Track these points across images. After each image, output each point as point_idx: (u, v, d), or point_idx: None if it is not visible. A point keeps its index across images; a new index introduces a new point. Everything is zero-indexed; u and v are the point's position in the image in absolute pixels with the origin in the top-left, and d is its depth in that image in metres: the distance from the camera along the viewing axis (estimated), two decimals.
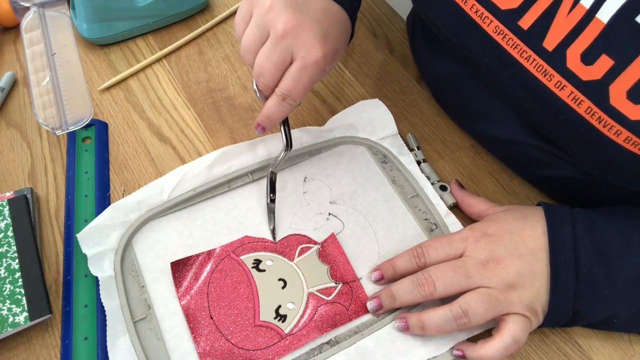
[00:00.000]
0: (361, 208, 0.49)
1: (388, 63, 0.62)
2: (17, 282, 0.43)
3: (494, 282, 0.39)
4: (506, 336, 0.38)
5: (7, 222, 0.46)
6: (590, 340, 0.43)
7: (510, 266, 0.39)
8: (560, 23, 0.37)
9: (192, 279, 0.44)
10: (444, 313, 0.39)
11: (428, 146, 0.54)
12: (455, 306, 0.39)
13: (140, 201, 0.47)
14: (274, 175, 0.48)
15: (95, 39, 0.61)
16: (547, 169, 0.47)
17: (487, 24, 0.40)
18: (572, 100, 0.37)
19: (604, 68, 0.35)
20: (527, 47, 0.39)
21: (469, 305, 0.38)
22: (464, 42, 0.44)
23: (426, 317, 0.40)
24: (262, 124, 0.45)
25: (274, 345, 0.41)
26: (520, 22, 0.39)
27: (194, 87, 0.59)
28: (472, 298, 0.39)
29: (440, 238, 0.43)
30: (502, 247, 0.40)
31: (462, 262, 0.40)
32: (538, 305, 0.39)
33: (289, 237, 0.47)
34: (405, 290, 0.41)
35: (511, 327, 0.38)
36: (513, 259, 0.39)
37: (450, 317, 0.39)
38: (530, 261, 0.39)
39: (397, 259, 0.44)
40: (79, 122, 0.53)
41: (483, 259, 0.40)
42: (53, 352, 0.42)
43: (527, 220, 0.42)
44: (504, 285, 0.39)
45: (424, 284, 0.40)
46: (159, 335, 0.42)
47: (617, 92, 0.35)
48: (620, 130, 0.35)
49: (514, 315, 0.39)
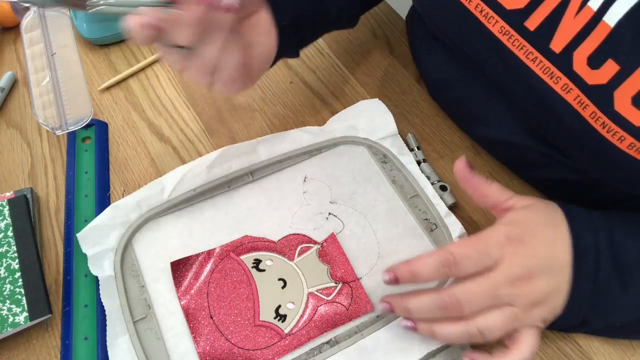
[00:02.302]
0: (361, 208, 0.49)
1: (388, 63, 0.62)
2: (17, 282, 0.43)
3: (520, 301, 0.36)
4: (525, 350, 0.36)
5: (7, 222, 0.46)
6: (590, 340, 0.43)
7: (540, 283, 0.36)
8: (568, 25, 0.36)
9: (192, 279, 0.44)
10: (457, 330, 0.36)
11: (428, 146, 0.54)
12: (471, 325, 0.36)
13: (140, 201, 0.47)
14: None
15: (95, 39, 0.61)
16: (546, 171, 0.47)
17: (493, 24, 0.40)
18: (578, 104, 0.37)
19: (609, 73, 0.35)
20: (533, 49, 0.38)
21: (488, 327, 0.36)
22: (467, 42, 0.44)
23: (439, 328, 0.37)
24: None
25: (274, 345, 0.41)
26: (527, 22, 0.38)
27: (194, 87, 0.59)
28: (494, 321, 0.36)
29: (474, 244, 0.37)
30: (538, 263, 0.37)
31: (493, 281, 0.36)
32: (552, 316, 0.38)
33: (289, 237, 0.47)
34: (425, 310, 0.37)
35: (529, 341, 0.36)
36: (544, 277, 0.37)
37: (465, 335, 0.36)
38: (559, 279, 0.37)
39: (419, 266, 0.37)
40: (79, 122, 0.53)
41: (516, 277, 0.36)
42: (53, 352, 0.42)
43: (558, 229, 0.38)
44: (529, 303, 0.36)
45: (449, 307, 0.36)
46: (158, 335, 0.42)
47: (622, 98, 0.34)
48: (624, 136, 0.35)
49: (531, 327, 0.37)
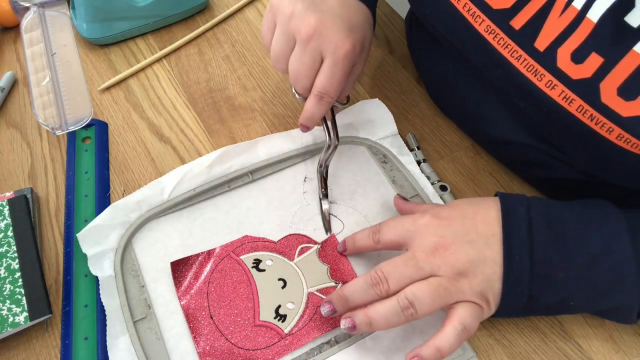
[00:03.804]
0: (361, 208, 0.49)
1: (388, 63, 0.62)
2: (17, 282, 0.43)
3: (443, 270, 0.38)
4: (456, 322, 0.37)
5: (7, 222, 0.46)
6: (590, 341, 0.43)
7: (460, 252, 0.38)
8: (553, 24, 0.37)
9: (192, 279, 0.44)
10: (390, 305, 0.37)
11: (428, 146, 0.54)
12: (401, 296, 0.37)
13: (140, 201, 0.47)
14: (324, 170, 0.49)
15: (95, 39, 0.61)
16: (545, 170, 0.47)
17: (479, 23, 0.41)
18: (563, 99, 0.37)
19: (593, 66, 0.35)
20: (518, 47, 0.39)
21: (415, 296, 0.37)
22: (458, 40, 0.44)
23: (373, 311, 0.38)
24: (305, 124, 0.46)
25: (274, 345, 0.41)
26: (512, 22, 0.39)
27: (194, 87, 0.59)
28: (419, 288, 0.37)
29: (395, 218, 0.43)
30: (452, 232, 0.39)
31: (412, 252, 0.39)
32: (489, 292, 0.38)
33: (289, 237, 0.47)
34: (359, 290, 0.39)
35: (460, 313, 0.37)
36: (463, 245, 0.38)
37: (398, 308, 0.37)
38: (481, 247, 0.38)
39: (357, 234, 0.44)
40: (79, 122, 0.53)
41: (432, 245, 0.39)
42: (53, 352, 0.42)
43: (481, 205, 0.41)
44: (453, 272, 0.37)
45: (378, 282, 0.38)
46: (158, 335, 0.42)
47: (608, 90, 0.35)
48: (612, 127, 0.35)
49: (464, 302, 0.38)
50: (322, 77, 0.43)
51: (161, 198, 0.48)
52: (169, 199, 0.48)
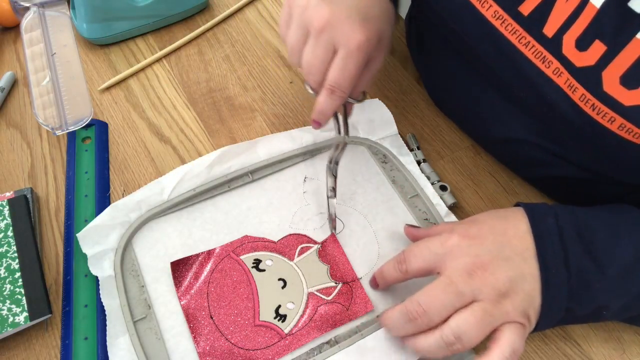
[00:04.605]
0: (361, 208, 0.49)
1: (388, 63, 0.62)
2: (17, 282, 0.43)
3: (485, 293, 0.36)
4: (505, 347, 0.35)
5: (7, 222, 0.46)
6: (590, 340, 0.43)
7: (498, 271, 0.36)
8: (560, 9, 0.37)
9: (192, 279, 0.44)
10: (434, 341, 0.36)
11: (428, 146, 0.54)
12: (446, 332, 0.35)
13: (140, 201, 0.47)
14: (335, 168, 0.48)
15: (95, 39, 0.61)
16: (545, 169, 0.47)
17: (486, 9, 0.40)
18: (568, 87, 0.37)
19: (597, 54, 0.35)
20: (526, 33, 0.38)
21: (462, 330, 0.35)
22: (462, 28, 0.44)
23: (415, 343, 0.37)
24: (316, 120, 0.44)
25: (274, 345, 0.41)
26: (521, 7, 0.38)
27: (194, 87, 0.59)
28: (465, 321, 0.35)
29: (418, 243, 0.40)
30: (486, 250, 0.37)
31: (447, 278, 0.37)
32: (531, 309, 0.37)
33: (288, 237, 0.47)
34: (397, 326, 0.38)
35: (509, 337, 0.35)
36: (500, 263, 0.37)
37: (442, 344, 0.35)
38: (518, 263, 0.37)
39: (383, 267, 0.42)
40: (79, 122, 0.53)
41: (467, 266, 0.37)
42: (53, 352, 0.42)
43: (509, 218, 0.39)
44: (495, 294, 0.36)
45: (417, 316, 0.36)
46: (158, 334, 0.42)
47: (610, 78, 0.35)
48: (614, 117, 0.35)
49: (510, 324, 0.36)
50: (334, 69, 0.41)
51: (161, 198, 0.48)
52: (168, 199, 0.48)
